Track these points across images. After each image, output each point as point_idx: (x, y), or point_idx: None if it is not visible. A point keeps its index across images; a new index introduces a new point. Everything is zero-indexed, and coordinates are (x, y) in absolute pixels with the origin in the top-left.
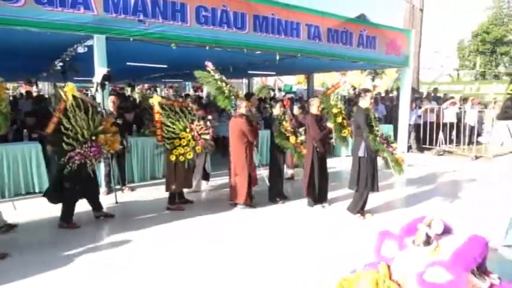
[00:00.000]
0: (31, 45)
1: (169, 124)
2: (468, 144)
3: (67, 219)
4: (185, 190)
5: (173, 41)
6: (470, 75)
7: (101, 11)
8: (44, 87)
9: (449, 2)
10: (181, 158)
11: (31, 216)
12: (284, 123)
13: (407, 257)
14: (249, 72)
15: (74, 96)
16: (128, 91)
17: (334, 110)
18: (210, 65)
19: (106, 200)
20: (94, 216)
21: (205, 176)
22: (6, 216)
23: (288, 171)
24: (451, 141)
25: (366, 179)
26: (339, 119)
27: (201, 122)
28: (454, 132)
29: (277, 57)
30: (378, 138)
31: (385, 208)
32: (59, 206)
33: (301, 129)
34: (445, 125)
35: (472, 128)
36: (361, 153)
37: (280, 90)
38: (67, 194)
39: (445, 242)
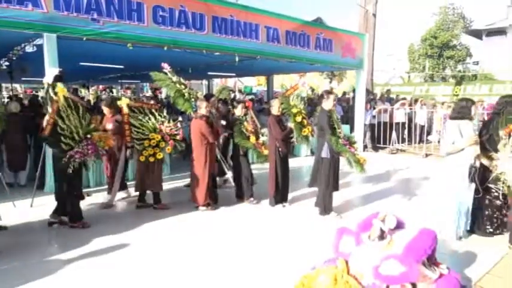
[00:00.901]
0: None
1: (138, 125)
2: (419, 143)
3: (78, 217)
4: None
5: (129, 41)
6: (420, 77)
7: (51, 9)
8: None
9: (400, 8)
10: (151, 159)
11: None
12: (245, 123)
13: (363, 251)
14: (209, 73)
15: (64, 97)
16: (82, 92)
17: (294, 110)
18: (166, 67)
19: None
20: (48, 223)
21: (123, 185)
22: None
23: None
24: (403, 140)
25: (328, 179)
26: (299, 119)
27: (171, 123)
28: (405, 132)
29: (237, 59)
30: (340, 140)
31: (345, 206)
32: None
33: (263, 130)
34: (397, 124)
35: (422, 128)
36: (324, 154)
37: (240, 91)
38: (72, 193)
39: (398, 236)
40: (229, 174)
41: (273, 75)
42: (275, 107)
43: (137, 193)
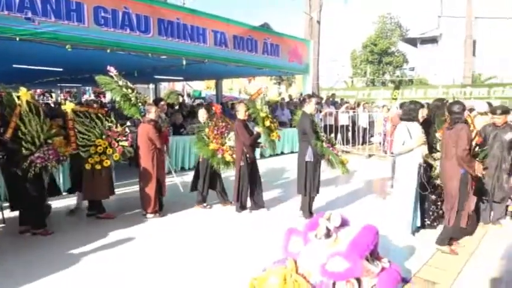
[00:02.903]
0: None
1: (84, 131)
2: (362, 144)
3: (42, 224)
4: None
5: (68, 43)
6: (362, 82)
7: None
8: None
9: (343, 16)
10: (98, 166)
11: None
12: (206, 129)
13: (311, 250)
14: (156, 77)
15: (26, 101)
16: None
17: (262, 114)
18: (112, 70)
19: None
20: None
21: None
22: None
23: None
24: (347, 142)
25: (312, 182)
26: (267, 123)
27: (120, 129)
28: (349, 134)
29: (184, 62)
30: (324, 143)
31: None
32: None
33: (230, 135)
34: (341, 127)
35: (364, 130)
36: (308, 158)
37: (189, 95)
38: (34, 199)
39: (342, 234)
40: (177, 180)
41: (221, 80)
42: (241, 112)
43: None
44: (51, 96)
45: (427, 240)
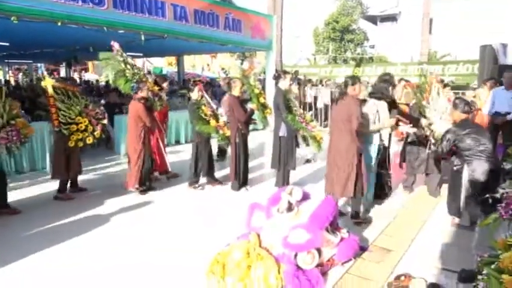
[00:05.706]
0: None
1: (64, 109)
2: (324, 121)
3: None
4: None
5: (14, 14)
6: (325, 60)
7: None
8: None
9: None
10: (80, 144)
11: None
12: (203, 107)
13: (273, 224)
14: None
15: None
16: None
17: (256, 91)
18: (116, 46)
19: None
20: None
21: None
22: None
23: None
24: None
25: (286, 157)
26: (262, 99)
27: (95, 108)
28: (312, 111)
29: (142, 37)
30: (297, 118)
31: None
32: None
33: (219, 110)
34: (304, 104)
35: (326, 106)
36: (281, 133)
37: (149, 72)
38: None
39: (304, 207)
40: None
41: (183, 56)
42: (237, 88)
43: None
44: None
45: (382, 211)
